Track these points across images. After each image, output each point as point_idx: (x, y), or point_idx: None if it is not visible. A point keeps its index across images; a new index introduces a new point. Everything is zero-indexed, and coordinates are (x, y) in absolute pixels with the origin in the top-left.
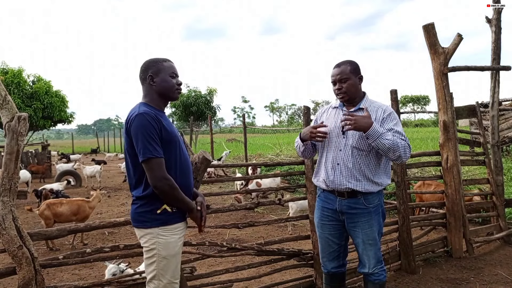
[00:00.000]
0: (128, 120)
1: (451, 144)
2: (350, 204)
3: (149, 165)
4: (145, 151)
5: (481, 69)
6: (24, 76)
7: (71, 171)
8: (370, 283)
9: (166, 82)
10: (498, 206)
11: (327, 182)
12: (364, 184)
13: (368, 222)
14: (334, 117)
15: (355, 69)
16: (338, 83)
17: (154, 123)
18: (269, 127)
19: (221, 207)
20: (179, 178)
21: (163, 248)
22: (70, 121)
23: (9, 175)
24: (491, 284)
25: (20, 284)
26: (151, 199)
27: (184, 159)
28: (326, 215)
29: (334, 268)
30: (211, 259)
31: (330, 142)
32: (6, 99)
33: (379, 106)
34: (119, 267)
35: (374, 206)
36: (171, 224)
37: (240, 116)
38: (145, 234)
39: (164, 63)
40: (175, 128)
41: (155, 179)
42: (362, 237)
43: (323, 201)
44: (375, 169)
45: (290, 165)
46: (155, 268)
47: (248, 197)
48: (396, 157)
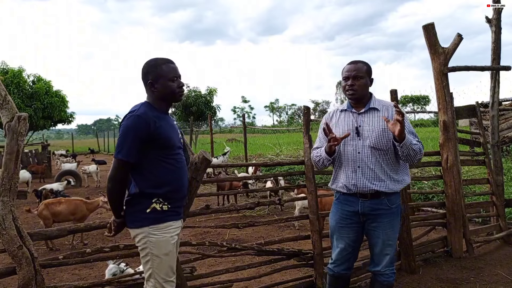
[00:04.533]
0: (124, 116)
1: (451, 144)
2: (373, 205)
3: (114, 164)
4: (118, 150)
5: (481, 69)
6: (24, 76)
7: (72, 171)
8: (378, 283)
9: (167, 88)
10: (498, 206)
11: (349, 186)
12: (388, 184)
13: (390, 223)
14: (346, 120)
15: (369, 71)
16: (352, 79)
17: (143, 127)
18: (269, 127)
19: (221, 207)
20: (169, 181)
21: (154, 247)
22: (70, 121)
23: (9, 175)
24: (491, 284)
25: (20, 284)
26: (140, 198)
27: (178, 162)
28: (345, 217)
29: (342, 270)
30: (211, 259)
31: (345, 145)
32: (6, 99)
33: (388, 104)
34: (119, 267)
35: (396, 207)
36: (162, 223)
37: (240, 116)
38: (137, 234)
39: (163, 66)
40: (177, 132)
41: (108, 177)
42: (383, 238)
43: (342, 203)
44: (396, 167)
45: (290, 165)
46: (150, 266)
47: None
48: (417, 160)
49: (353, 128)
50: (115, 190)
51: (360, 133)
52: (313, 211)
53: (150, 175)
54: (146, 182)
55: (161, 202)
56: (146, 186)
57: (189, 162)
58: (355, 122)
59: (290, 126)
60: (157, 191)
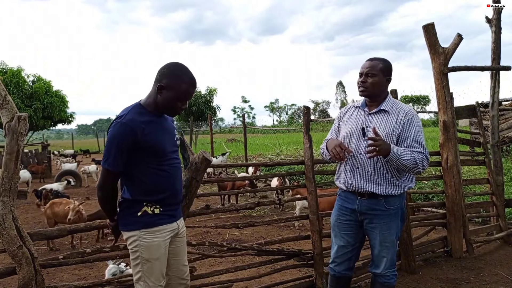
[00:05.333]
0: (112, 122)
1: (451, 144)
2: (370, 205)
3: (102, 172)
4: (105, 159)
5: (481, 69)
6: (24, 76)
7: (72, 171)
8: (378, 284)
9: (171, 102)
10: (498, 206)
11: (347, 185)
12: (385, 188)
13: (387, 224)
14: (356, 118)
15: (387, 69)
16: (365, 76)
17: (129, 136)
18: (269, 127)
19: (221, 207)
20: (161, 189)
21: (145, 250)
22: (70, 121)
23: (9, 175)
24: (491, 284)
25: (20, 284)
26: (132, 202)
27: (170, 168)
28: (343, 213)
29: (343, 270)
30: (211, 259)
31: (350, 144)
32: (6, 99)
33: (401, 108)
34: (119, 267)
35: (394, 209)
36: (154, 227)
37: (240, 116)
38: (129, 237)
39: (183, 85)
40: (172, 134)
41: (98, 185)
42: (380, 239)
43: (343, 200)
44: (397, 172)
45: (290, 165)
46: (139, 270)
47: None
48: (415, 172)
49: (360, 128)
50: (104, 197)
51: (366, 134)
52: (313, 211)
53: (141, 183)
54: (137, 190)
55: (152, 205)
56: (137, 193)
57: (189, 162)
58: (364, 122)
59: (290, 126)
60: (148, 198)
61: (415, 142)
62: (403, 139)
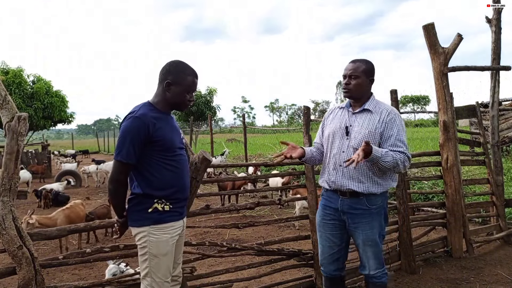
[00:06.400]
0: (124, 117)
1: (451, 144)
2: (352, 204)
3: (114, 165)
4: (118, 152)
5: (481, 69)
6: (24, 76)
7: (72, 171)
8: (371, 284)
9: (180, 96)
10: (498, 206)
11: (329, 183)
12: (367, 185)
13: (369, 224)
14: (340, 118)
15: (369, 70)
16: (348, 78)
17: (142, 129)
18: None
19: (221, 207)
20: (171, 183)
21: (154, 246)
22: (70, 121)
23: (9, 175)
24: (491, 284)
25: (20, 284)
26: (142, 198)
27: (179, 163)
28: (327, 213)
29: (333, 271)
30: (211, 259)
31: (333, 143)
32: (6, 99)
33: (384, 108)
34: (119, 267)
35: (376, 208)
36: (163, 223)
37: (240, 116)
38: (138, 233)
39: (188, 77)
40: (179, 132)
41: (110, 178)
42: (363, 238)
43: (325, 199)
44: (380, 171)
45: (290, 165)
46: (147, 265)
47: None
48: (397, 172)
49: (344, 127)
50: (116, 191)
51: (349, 133)
52: (313, 211)
53: (152, 177)
54: (147, 184)
55: (163, 202)
56: (148, 188)
57: (189, 162)
58: (347, 121)
59: (290, 126)
60: (159, 193)
61: (398, 141)
62: (386, 138)
